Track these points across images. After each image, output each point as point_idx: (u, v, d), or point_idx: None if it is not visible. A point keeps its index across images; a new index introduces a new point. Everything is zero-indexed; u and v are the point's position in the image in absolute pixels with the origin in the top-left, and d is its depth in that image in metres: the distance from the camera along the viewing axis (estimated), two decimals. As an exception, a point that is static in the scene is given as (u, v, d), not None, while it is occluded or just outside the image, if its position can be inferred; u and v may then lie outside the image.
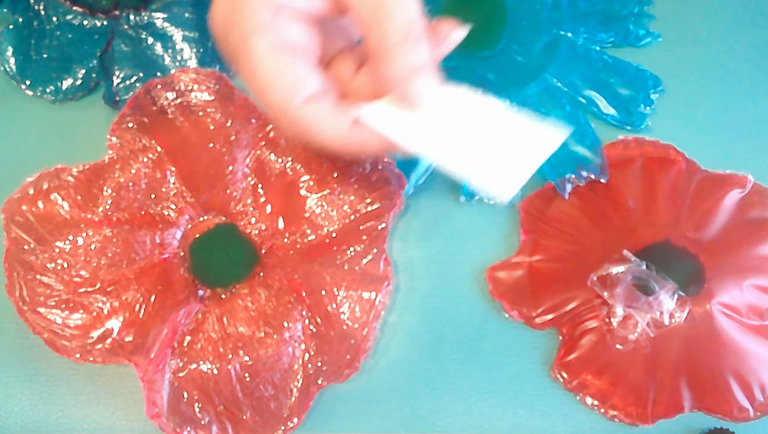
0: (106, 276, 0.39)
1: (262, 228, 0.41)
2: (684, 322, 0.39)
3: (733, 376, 0.38)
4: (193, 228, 0.41)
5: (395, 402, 0.40)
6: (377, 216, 0.40)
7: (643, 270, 0.39)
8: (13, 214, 0.39)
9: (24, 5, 0.44)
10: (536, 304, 0.40)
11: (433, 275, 0.42)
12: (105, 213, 0.40)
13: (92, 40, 0.44)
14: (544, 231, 0.41)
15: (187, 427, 0.38)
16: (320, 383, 0.39)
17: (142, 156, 0.41)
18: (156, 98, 0.41)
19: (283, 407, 0.38)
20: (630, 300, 0.39)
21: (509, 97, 0.42)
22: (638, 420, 0.39)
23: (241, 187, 0.41)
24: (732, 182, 0.41)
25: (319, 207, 0.41)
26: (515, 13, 0.44)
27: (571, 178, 0.41)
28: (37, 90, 0.44)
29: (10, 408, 0.40)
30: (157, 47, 0.44)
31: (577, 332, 0.40)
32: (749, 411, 0.38)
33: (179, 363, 0.38)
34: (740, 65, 0.45)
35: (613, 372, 0.39)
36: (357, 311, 0.39)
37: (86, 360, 0.38)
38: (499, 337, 0.41)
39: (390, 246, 0.42)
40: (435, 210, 0.43)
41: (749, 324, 0.39)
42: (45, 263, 0.39)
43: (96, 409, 0.40)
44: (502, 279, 0.41)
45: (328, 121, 0.32)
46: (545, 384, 0.40)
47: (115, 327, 0.38)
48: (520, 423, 0.40)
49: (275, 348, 0.38)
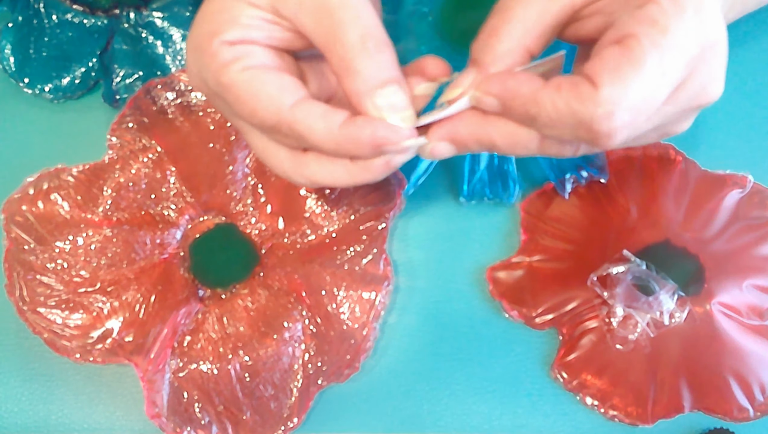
0: (106, 276, 0.39)
1: (262, 228, 0.41)
2: (684, 322, 0.39)
3: (733, 376, 0.38)
4: (193, 228, 0.41)
5: (395, 402, 0.40)
6: (377, 216, 0.40)
7: (643, 270, 0.39)
8: (13, 214, 0.39)
9: (23, 3, 0.44)
10: (536, 304, 0.40)
11: (433, 275, 0.42)
12: (105, 213, 0.40)
13: (92, 39, 0.44)
14: (544, 231, 0.41)
15: (187, 427, 0.38)
16: (320, 383, 0.39)
17: (142, 156, 0.41)
18: (156, 98, 0.41)
19: (283, 407, 0.38)
20: (630, 300, 0.39)
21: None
22: (638, 420, 0.39)
23: (241, 187, 0.41)
24: (732, 182, 0.41)
25: (319, 207, 0.41)
26: (515, 12, 0.44)
27: (571, 178, 0.41)
28: (36, 88, 0.44)
29: (10, 408, 0.40)
30: (157, 46, 0.44)
31: (577, 332, 0.40)
32: (749, 411, 0.38)
33: (179, 363, 0.38)
34: (740, 65, 0.45)
35: (613, 372, 0.39)
36: (357, 311, 0.39)
37: (86, 360, 0.38)
38: (499, 337, 0.41)
39: (390, 246, 0.42)
40: (435, 210, 0.43)
41: (749, 324, 0.39)
42: (45, 263, 0.39)
43: (96, 409, 0.40)
44: (502, 279, 0.41)
45: (322, 120, 0.30)
46: (545, 384, 0.40)
47: (115, 327, 0.38)
48: (520, 423, 0.40)
49: (275, 348, 0.38)
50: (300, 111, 0.30)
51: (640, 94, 0.28)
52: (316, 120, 0.30)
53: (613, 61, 0.28)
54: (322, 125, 0.30)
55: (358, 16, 0.30)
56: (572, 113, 0.28)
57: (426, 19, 0.44)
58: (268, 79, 0.30)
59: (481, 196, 0.41)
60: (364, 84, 0.30)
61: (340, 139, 0.30)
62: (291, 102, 0.30)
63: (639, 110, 0.28)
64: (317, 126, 0.30)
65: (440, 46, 0.43)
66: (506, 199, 0.41)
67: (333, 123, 0.30)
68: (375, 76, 0.30)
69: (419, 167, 0.42)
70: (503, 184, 0.41)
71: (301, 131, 0.30)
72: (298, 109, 0.30)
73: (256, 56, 0.31)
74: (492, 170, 0.41)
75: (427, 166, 0.42)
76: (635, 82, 0.28)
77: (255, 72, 0.30)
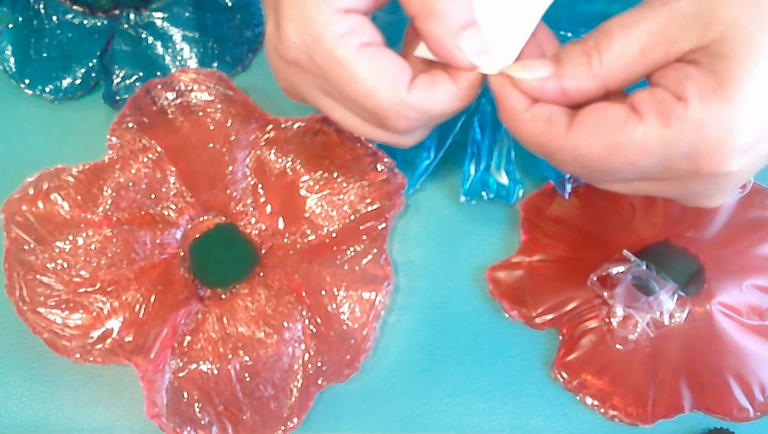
0: (106, 276, 0.39)
1: (262, 228, 0.41)
2: (684, 322, 0.39)
3: (733, 376, 0.38)
4: (193, 228, 0.41)
5: (395, 402, 0.40)
6: (377, 216, 0.40)
7: (643, 270, 0.39)
8: (13, 214, 0.39)
9: (24, 4, 0.44)
10: (536, 304, 0.40)
11: (433, 275, 0.42)
12: (105, 213, 0.40)
13: (92, 40, 0.44)
14: (544, 231, 0.41)
15: (187, 427, 0.38)
16: (320, 383, 0.39)
17: (142, 156, 0.41)
18: (156, 98, 0.41)
19: (283, 407, 0.38)
20: (630, 300, 0.39)
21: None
22: (638, 420, 0.39)
23: (241, 187, 0.41)
24: (732, 182, 0.41)
25: (319, 207, 0.41)
26: (515, 12, 0.44)
27: (571, 177, 0.41)
28: (36, 89, 0.44)
29: (10, 408, 0.40)
30: (157, 47, 0.44)
31: (577, 332, 0.40)
32: (749, 411, 0.38)
33: (179, 363, 0.38)
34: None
35: (613, 372, 0.39)
36: (357, 311, 0.39)
37: (86, 360, 0.38)
38: (499, 337, 0.41)
39: (390, 246, 0.42)
40: (435, 210, 0.43)
41: (749, 324, 0.39)
42: (45, 263, 0.39)
43: (96, 409, 0.40)
44: (502, 279, 0.41)
45: (439, 89, 0.31)
46: (545, 384, 0.40)
47: (115, 327, 0.38)
48: (520, 423, 0.40)
49: (275, 348, 0.38)
50: (417, 90, 0.30)
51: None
52: (435, 90, 0.31)
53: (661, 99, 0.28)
54: (443, 91, 0.31)
55: None
56: (608, 142, 0.28)
57: (426, 20, 0.44)
58: (389, 60, 0.30)
59: (481, 196, 0.42)
60: (447, 27, 0.30)
61: (465, 93, 0.31)
62: (407, 84, 0.30)
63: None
64: (439, 94, 0.31)
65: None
66: (506, 199, 0.41)
67: (451, 87, 0.31)
68: (459, 18, 0.30)
69: (419, 167, 0.42)
70: (503, 184, 0.41)
71: (425, 106, 0.31)
72: (415, 90, 0.30)
73: (368, 31, 0.31)
74: (492, 170, 0.41)
75: (427, 165, 0.42)
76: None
77: (374, 51, 0.30)
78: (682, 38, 0.28)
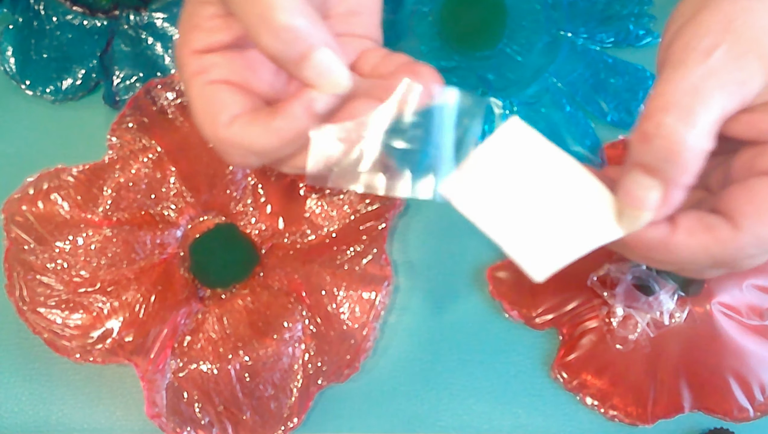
0: (106, 276, 0.39)
1: (262, 228, 0.41)
2: (684, 322, 0.39)
3: (733, 376, 0.38)
4: (193, 228, 0.41)
5: (395, 402, 0.40)
6: (377, 216, 0.40)
7: (643, 270, 0.39)
8: (13, 214, 0.39)
9: (24, 5, 0.44)
10: (536, 304, 0.40)
11: (433, 275, 0.42)
12: (105, 213, 0.40)
13: (92, 40, 0.44)
14: (544, 231, 0.41)
15: (187, 427, 0.38)
16: (320, 383, 0.39)
17: (142, 156, 0.41)
18: (156, 98, 0.41)
19: (283, 407, 0.38)
20: (630, 300, 0.39)
21: (509, 97, 0.42)
22: (638, 420, 0.39)
23: (241, 187, 0.41)
24: (732, 182, 0.41)
25: (319, 207, 0.41)
26: (515, 13, 0.44)
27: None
28: (37, 90, 0.44)
29: (10, 408, 0.40)
30: (157, 47, 0.44)
31: (577, 332, 0.40)
32: (749, 411, 0.38)
33: (179, 363, 0.38)
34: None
35: (613, 372, 0.39)
36: (357, 311, 0.39)
37: (86, 360, 0.38)
38: (499, 337, 0.41)
39: (390, 246, 0.42)
40: (435, 210, 0.43)
41: (749, 324, 0.39)
42: (45, 263, 0.39)
43: (96, 409, 0.40)
44: (502, 279, 0.41)
45: (255, 125, 0.29)
46: (545, 384, 0.40)
47: (115, 327, 0.38)
48: (520, 423, 0.40)
49: (275, 348, 0.38)
50: (232, 129, 0.29)
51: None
52: (249, 131, 0.29)
53: (762, 199, 0.26)
54: (256, 131, 0.29)
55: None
56: (711, 257, 0.27)
57: (426, 19, 0.44)
58: (220, 97, 0.30)
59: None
60: (291, 54, 0.28)
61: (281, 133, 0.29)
62: (226, 121, 0.29)
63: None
64: (252, 134, 0.29)
65: (440, 46, 0.44)
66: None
67: (267, 127, 0.29)
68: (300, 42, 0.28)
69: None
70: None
71: (240, 144, 0.30)
72: (232, 128, 0.29)
73: (224, 69, 0.30)
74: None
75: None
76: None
77: (213, 89, 0.30)
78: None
